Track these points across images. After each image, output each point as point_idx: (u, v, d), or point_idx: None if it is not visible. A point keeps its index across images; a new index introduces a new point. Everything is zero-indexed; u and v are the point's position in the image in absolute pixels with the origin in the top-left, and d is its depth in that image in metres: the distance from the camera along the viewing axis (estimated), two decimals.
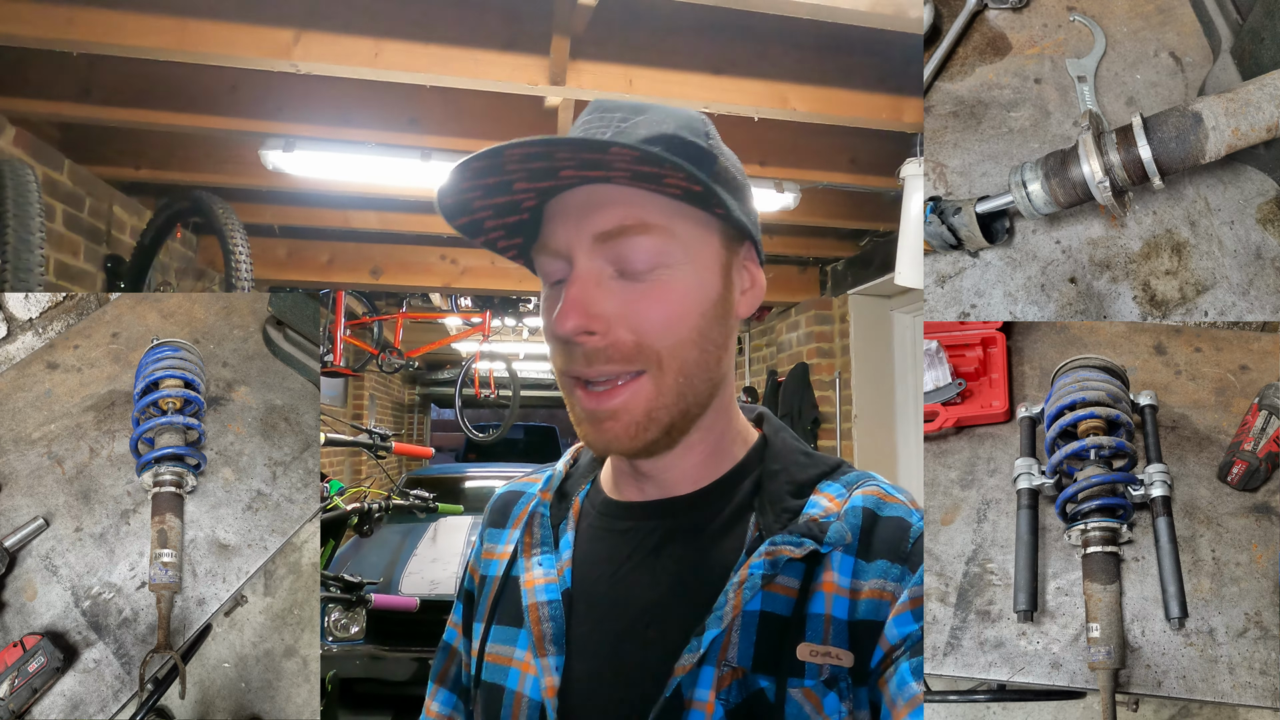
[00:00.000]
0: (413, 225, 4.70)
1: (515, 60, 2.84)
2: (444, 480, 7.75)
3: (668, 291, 0.84)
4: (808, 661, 0.82)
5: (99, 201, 3.81)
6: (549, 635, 0.91)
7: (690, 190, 0.82)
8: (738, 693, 0.81)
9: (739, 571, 0.85)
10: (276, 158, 3.38)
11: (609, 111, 0.89)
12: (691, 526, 0.91)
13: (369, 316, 7.02)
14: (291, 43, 2.66)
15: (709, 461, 0.93)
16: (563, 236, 0.85)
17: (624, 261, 0.84)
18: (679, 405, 0.86)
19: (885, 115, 3.15)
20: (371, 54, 2.73)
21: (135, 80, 3.09)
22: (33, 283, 2.32)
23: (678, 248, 0.85)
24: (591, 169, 0.82)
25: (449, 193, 0.84)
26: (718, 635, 0.83)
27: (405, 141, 3.40)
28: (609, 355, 0.83)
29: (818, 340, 5.63)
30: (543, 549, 0.97)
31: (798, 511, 0.88)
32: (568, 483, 1.04)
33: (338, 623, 4.98)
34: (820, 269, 5.78)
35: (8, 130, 3.18)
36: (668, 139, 0.86)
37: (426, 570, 5.44)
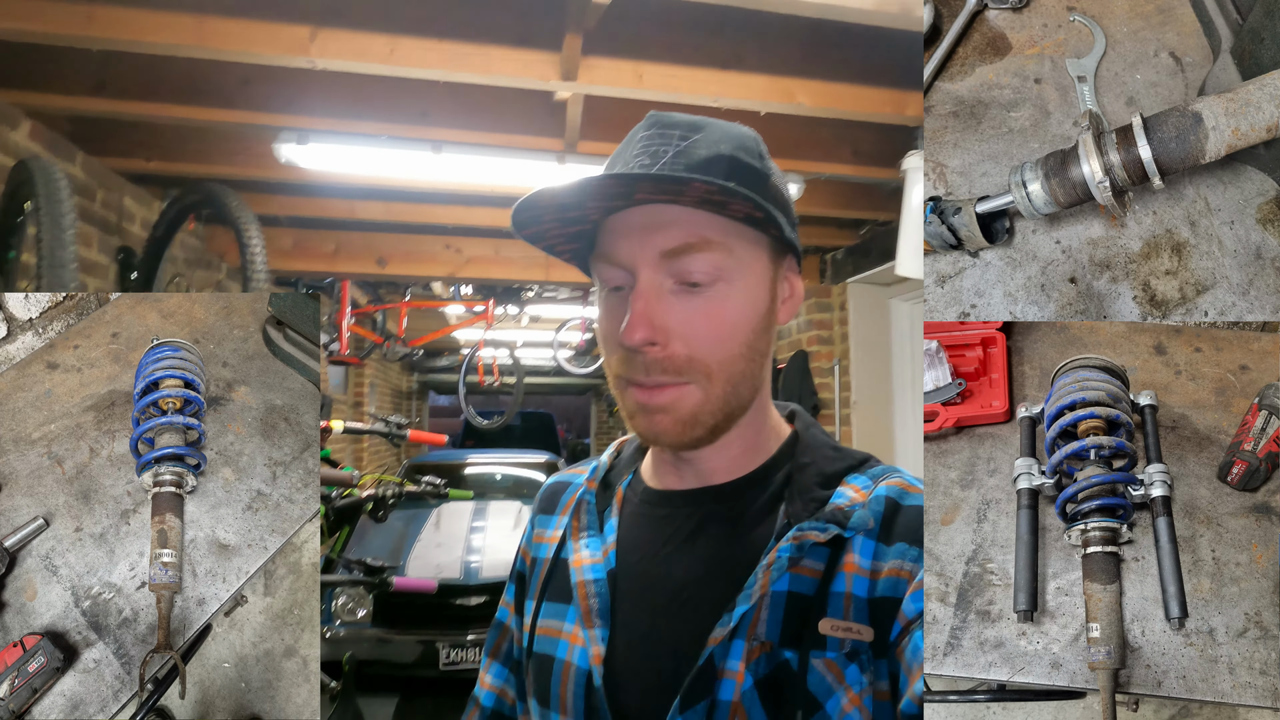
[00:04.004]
0: (419, 215, 4.71)
1: (527, 56, 2.88)
2: (444, 467, 7.76)
3: (722, 308, 0.91)
4: (829, 635, 0.89)
5: (110, 193, 3.83)
6: (595, 610, 0.99)
7: (751, 215, 0.89)
8: (765, 664, 0.89)
9: (768, 555, 0.92)
10: (290, 151, 3.40)
11: (669, 129, 0.94)
12: (726, 514, 0.99)
13: (373, 305, 7.03)
14: (309, 39, 2.68)
15: (745, 455, 1.01)
16: (626, 251, 0.92)
17: (684, 275, 0.90)
18: (724, 409, 0.94)
19: (888, 109, 3.20)
20: (387, 50, 2.76)
21: (148, 74, 3.11)
22: (67, 279, 2.33)
23: (733, 263, 0.92)
24: (665, 195, 0.88)
25: (525, 210, 0.91)
26: (747, 611, 0.90)
27: (416, 134, 3.43)
28: (664, 366, 0.91)
29: (817, 328, 5.62)
30: (589, 533, 1.06)
31: (825, 501, 0.95)
32: (611, 473, 1.13)
33: (344, 606, 5.01)
34: (821, 257, 5.78)
35: (23, 124, 3.20)
36: (727, 161, 0.92)
37: (431, 555, 5.48)
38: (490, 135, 3.48)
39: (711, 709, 0.88)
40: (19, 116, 3.17)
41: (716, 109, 3.24)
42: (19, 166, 2.63)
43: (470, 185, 3.95)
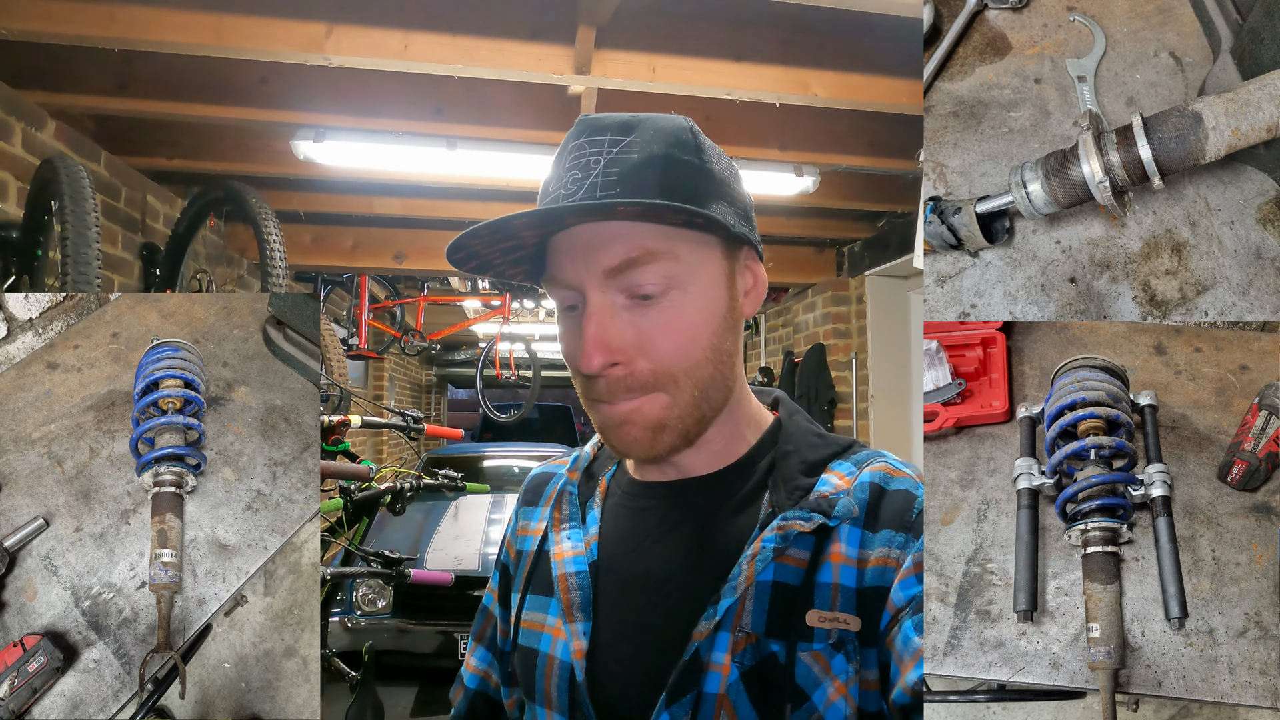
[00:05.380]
0: (436, 210, 4.74)
1: (541, 50, 2.89)
2: (463, 460, 7.82)
3: (679, 317, 0.89)
4: (816, 627, 0.88)
5: (134, 191, 3.89)
6: (577, 603, 0.98)
7: (692, 221, 0.87)
8: (751, 656, 0.88)
9: (752, 545, 0.91)
10: (307, 148, 3.45)
11: (598, 134, 0.92)
12: (709, 504, 0.98)
13: (391, 300, 7.07)
14: (324, 36, 2.72)
15: (727, 447, 1.00)
16: (572, 272, 0.90)
17: (635, 288, 0.88)
18: (695, 415, 0.93)
19: (904, 100, 3.18)
20: (401, 46, 2.79)
21: (169, 74, 3.17)
22: (91, 276, 2.36)
23: (683, 269, 0.90)
24: (595, 217, 0.87)
25: (458, 250, 0.90)
26: (732, 603, 0.89)
27: (431, 130, 3.46)
28: (628, 385, 0.90)
29: (834, 321, 5.62)
30: (571, 524, 1.05)
31: (809, 489, 0.94)
32: (595, 464, 1.12)
33: (365, 597, 5.07)
34: (838, 250, 5.76)
35: (49, 124, 3.24)
36: (661, 162, 0.89)
37: (450, 547, 5.53)
38: (504, 130, 3.51)
39: (698, 702, 0.88)
40: (44, 117, 3.23)
41: (730, 101, 3.24)
42: (45, 166, 2.67)
43: (485, 180, 3.98)
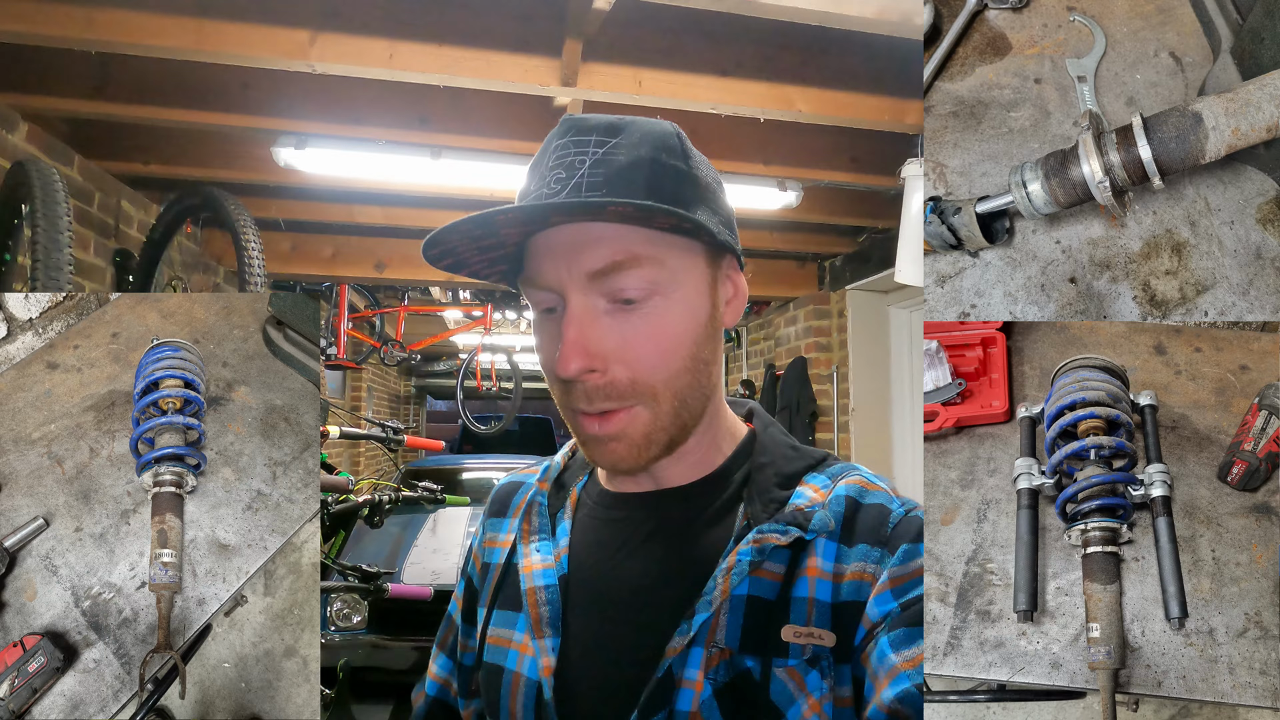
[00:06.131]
0: (419, 220, 4.71)
1: (527, 61, 2.87)
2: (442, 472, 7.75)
3: (661, 323, 0.87)
4: (791, 642, 0.86)
5: (108, 196, 3.83)
6: (546, 618, 0.95)
7: (679, 226, 0.85)
8: (725, 672, 0.85)
9: (727, 558, 0.89)
10: (289, 155, 3.41)
11: (584, 135, 0.89)
12: (683, 517, 0.96)
13: (371, 310, 7.03)
14: (308, 43, 2.68)
15: (702, 458, 0.97)
16: (553, 274, 0.87)
17: (617, 293, 0.86)
18: (676, 425, 0.90)
19: (886, 117, 3.20)
20: (386, 55, 2.76)
21: (147, 78, 3.11)
22: (62, 281, 2.33)
23: (667, 276, 0.87)
24: (583, 216, 0.85)
25: (435, 245, 0.88)
26: (707, 618, 0.87)
27: (415, 139, 3.43)
28: (606, 393, 0.87)
29: (816, 335, 5.64)
30: (540, 536, 1.02)
31: (784, 502, 0.92)
32: (565, 474, 1.09)
33: (340, 612, 5.00)
34: (819, 265, 5.79)
35: (20, 127, 3.19)
36: (648, 166, 0.87)
37: (428, 560, 5.47)
38: (489, 141, 3.49)
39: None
40: (16, 119, 3.17)
41: (715, 115, 3.25)
42: (15, 169, 2.62)
43: (469, 190, 3.95)
